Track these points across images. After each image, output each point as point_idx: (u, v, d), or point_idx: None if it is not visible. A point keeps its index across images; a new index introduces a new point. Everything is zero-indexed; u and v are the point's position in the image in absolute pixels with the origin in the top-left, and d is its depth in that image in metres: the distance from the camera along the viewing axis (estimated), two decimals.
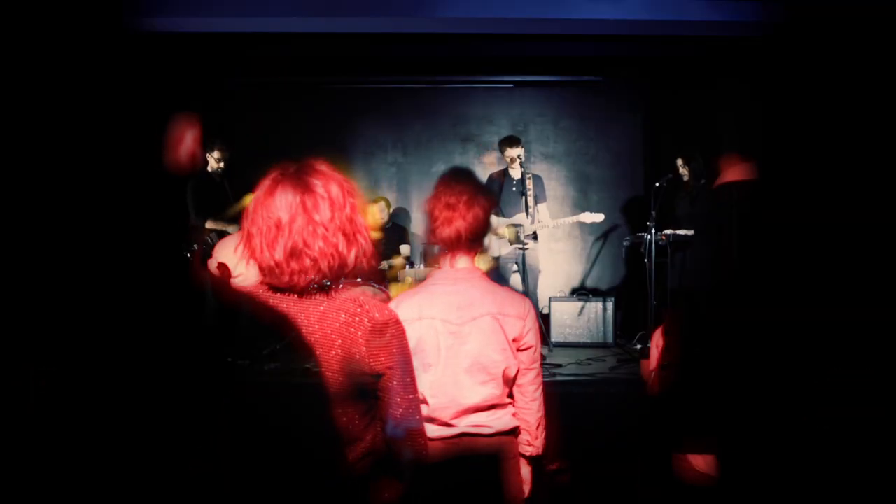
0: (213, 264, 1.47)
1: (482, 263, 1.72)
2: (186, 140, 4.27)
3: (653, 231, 4.68)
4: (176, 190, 4.61)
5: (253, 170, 5.35)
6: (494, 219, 5.12)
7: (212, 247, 4.52)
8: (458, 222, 1.61)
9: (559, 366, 4.54)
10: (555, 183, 6.34)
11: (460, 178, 1.68)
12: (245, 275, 1.36)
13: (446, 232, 1.63)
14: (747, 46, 4.51)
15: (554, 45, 4.91)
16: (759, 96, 4.52)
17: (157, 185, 4.63)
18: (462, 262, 1.65)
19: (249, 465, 1.41)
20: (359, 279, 5.31)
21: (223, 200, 4.68)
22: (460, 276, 1.64)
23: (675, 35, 4.45)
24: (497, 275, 4.84)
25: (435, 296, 1.64)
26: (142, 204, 4.56)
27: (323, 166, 1.37)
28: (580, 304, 5.56)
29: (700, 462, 2.37)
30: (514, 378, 1.67)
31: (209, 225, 4.52)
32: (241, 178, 4.76)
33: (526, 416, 1.68)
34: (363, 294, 1.38)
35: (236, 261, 1.35)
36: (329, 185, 1.33)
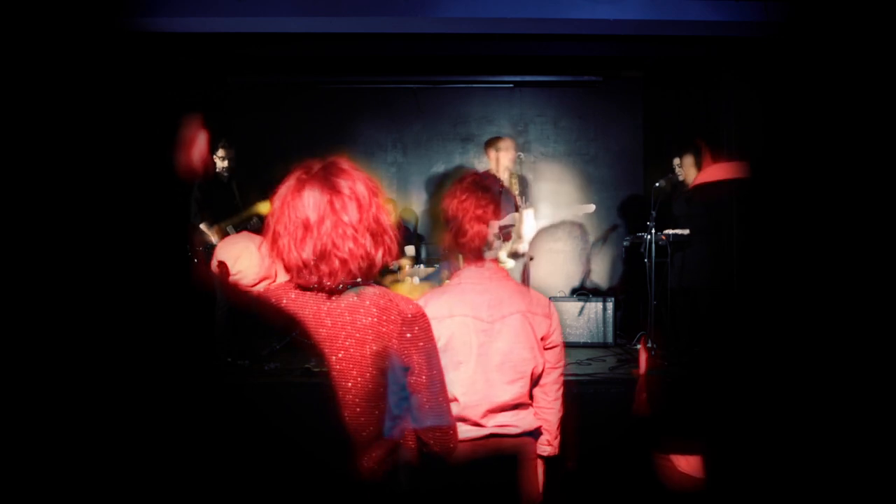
0: (213, 263, 1.47)
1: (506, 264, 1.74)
2: (198, 144, 4.28)
3: (653, 231, 4.68)
4: (178, 191, 4.60)
5: (253, 169, 5.36)
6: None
7: (213, 248, 4.52)
8: (485, 231, 1.62)
9: None
10: (555, 183, 6.34)
11: (482, 186, 1.67)
12: (244, 272, 1.35)
13: (476, 243, 1.63)
14: (748, 46, 4.51)
15: (554, 45, 4.91)
16: (761, 96, 4.52)
17: (158, 186, 4.63)
18: (487, 262, 1.67)
19: (249, 465, 1.41)
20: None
21: (229, 201, 4.67)
22: (489, 275, 1.65)
23: (675, 35, 4.45)
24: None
25: (465, 294, 1.65)
26: (142, 205, 4.55)
27: (346, 164, 1.36)
28: (580, 304, 5.55)
29: (683, 463, 2.38)
30: (539, 377, 1.68)
31: (204, 227, 4.51)
32: (241, 178, 4.76)
33: (547, 415, 1.69)
34: (387, 289, 1.38)
35: (235, 258, 1.35)
36: (355, 185, 1.32)
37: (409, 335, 1.32)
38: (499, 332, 1.61)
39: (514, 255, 4.61)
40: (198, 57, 5.06)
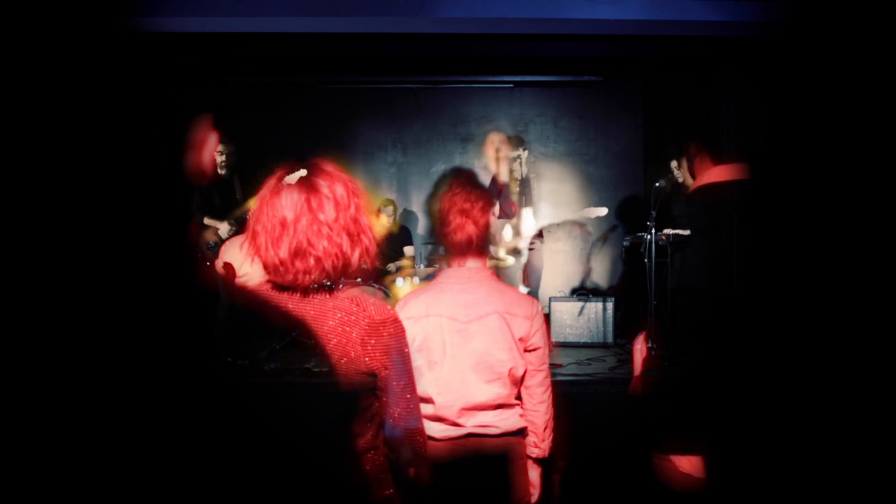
0: (219, 264, 1.48)
1: (501, 259, 1.73)
2: (208, 146, 4.29)
3: (653, 231, 4.68)
4: (179, 191, 4.61)
5: (252, 169, 5.36)
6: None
7: (217, 246, 4.53)
8: (471, 228, 1.62)
9: (559, 366, 4.54)
10: (555, 183, 6.34)
11: (474, 182, 1.68)
12: (250, 273, 1.36)
13: (459, 237, 1.63)
14: (748, 46, 4.50)
15: (554, 45, 4.90)
16: (761, 96, 4.52)
17: (158, 186, 4.64)
18: (471, 262, 1.66)
19: (249, 465, 1.41)
20: (359, 279, 5.32)
21: (229, 199, 4.67)
22: (469, 275, 1.65)
23: (675, 35, 4.45)
24: (502, 274, 4.82)
25: (443, 293, 1.65)
26: (142, 204, 4.56)
27: (328, 166, 1.38)
28: (580, 304, 5.55)
29: (685, 463, 2.37)
30: (522, 379, 1.67)
31: (209, 221, 4.52)
32: (240, 178, 4.76)
33: (533, 417, 1.68)
34: (362, 293, 1.38)
35: (242, 259, 1.36)
36: (334, 185, 1.34)
37: (373, 341, 1.32)
38: (474, 333, 1.61)
39: (515, 251, 4.61)
40: (198, 57, 5.05)
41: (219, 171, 4.68)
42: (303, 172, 1.31)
